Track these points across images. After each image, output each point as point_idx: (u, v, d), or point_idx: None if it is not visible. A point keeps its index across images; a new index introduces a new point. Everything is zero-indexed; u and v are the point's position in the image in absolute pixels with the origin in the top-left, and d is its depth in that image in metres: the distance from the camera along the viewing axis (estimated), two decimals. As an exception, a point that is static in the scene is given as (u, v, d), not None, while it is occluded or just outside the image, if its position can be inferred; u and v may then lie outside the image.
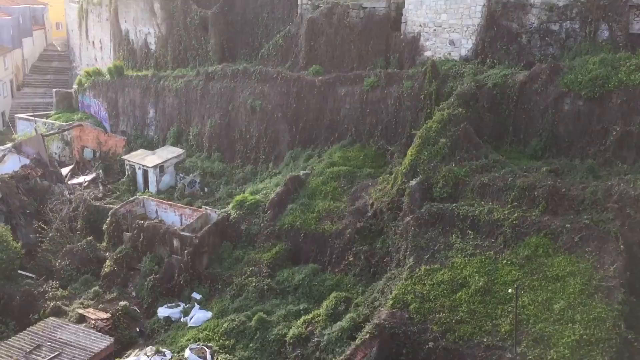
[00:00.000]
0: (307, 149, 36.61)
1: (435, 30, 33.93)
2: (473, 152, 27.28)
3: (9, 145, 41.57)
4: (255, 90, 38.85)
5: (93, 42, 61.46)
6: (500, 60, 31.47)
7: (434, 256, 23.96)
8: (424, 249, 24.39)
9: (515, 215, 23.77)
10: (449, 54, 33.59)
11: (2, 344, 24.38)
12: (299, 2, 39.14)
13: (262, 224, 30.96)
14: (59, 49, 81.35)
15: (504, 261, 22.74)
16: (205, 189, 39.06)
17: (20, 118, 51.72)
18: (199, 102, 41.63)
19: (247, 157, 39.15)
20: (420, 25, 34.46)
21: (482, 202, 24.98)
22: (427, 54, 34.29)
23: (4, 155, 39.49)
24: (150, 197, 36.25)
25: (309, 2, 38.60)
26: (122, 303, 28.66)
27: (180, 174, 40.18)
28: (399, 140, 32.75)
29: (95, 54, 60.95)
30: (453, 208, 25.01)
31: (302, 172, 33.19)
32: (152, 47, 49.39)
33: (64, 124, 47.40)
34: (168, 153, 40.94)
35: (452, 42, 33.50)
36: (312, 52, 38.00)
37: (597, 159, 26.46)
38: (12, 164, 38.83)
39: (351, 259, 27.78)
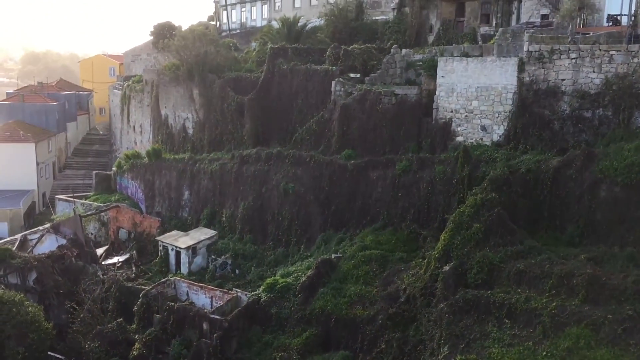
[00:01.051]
0: (338, 232, 36.53)
1: (466, 116, 34.38)
2: (508, 237, 26.83)
3: (48, 225, 42.59)
4: (288, 173, 39.43)
5: (134, 127, 63.91)
6: (532, 146, 31.47)
7: (469, 345, 23.09)
8: (459, 338, 23.58)
9: (554, 304, 22.95)
10: (481, 139, 33.80)
11: None
12: (333, 89, 40.30)
13: (292, 308, 30.56)
14: (100, 132, 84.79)
15: (544, 353, 21.72)
16: (237, 271, 38.98)
17: (60, 199, 53.25)
18: (233, 185, 42.36)
19: (278, 240, 39.21)
20: (452, 112, 34.99)
21: (519, 290, 24.26)
22: (459, 139, 34.57)
23: (42, 236, 40.39)
24: (182, 279, 36.30)
25: (342, 89, 39.70)
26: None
27: (212, 256, 40.31)
28: (432, 224, 32.49)
29: (135, 137, 63.21)
30: (489, 295, 24.33)
31: (333, 256, 32.98)
32: (190, 131, 51.09)
33: (102, 205, 48.58)
34: (201, 235, 41.31)
35: (483, 128, 33.80)
36: (344, 136, 38.68)
37: (637, 246, 25.67)
38: (50, 244, 39.65)
39: (383, 346, 26.97)
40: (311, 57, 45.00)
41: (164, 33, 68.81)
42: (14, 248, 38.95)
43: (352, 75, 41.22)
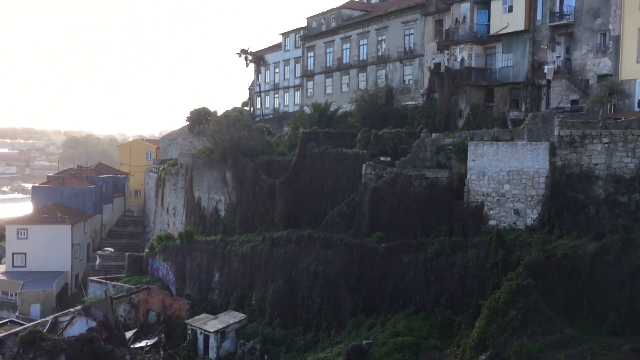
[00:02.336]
0: (369, 317, 35.71)
1: (498, 199, 34.15)
2: (546, 325, 25.85)
3: (79, 307, 42.71)
4: (318, 256, 39.20)
5: (167, 209, 65.00)
6: (568, 230, 30.87)
7: None
8: None
9: (599, 398, 21.74)
10: (514, 223, 33.36)
11: None
12: (363, 172, 40.70)
13: (322, 398, 29.48)
14: (135, 214, 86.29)
15: None
16: (265, 357, 38.10)
17: (92, 280, 53.65)
18: (264, 267, 42.20)
19: (308, 324, 38.45)
20: (484, 195, 34.82)
21: (560, 382, 23.11)
22: (492, 222, 34.17)
23: (72, 318, 40.45)
24: (210, 364, 35.58)
25: (373, 172, 40.06)
26: None
27: (241, 340, 39.61)
28: (466, 310, 31.55)
29: (169, 219, 64.14)
30: (528, 388, 23.21)
31: (364, 342, 32.08)
32: (222, 213, 51.70)
33: (133, 287, 48.73)
34: (230, 318, 40.83)
35: (516, 212, 33.42)
36: (375, 219, 38.60)
37: (685, 336, 24.44)
38: (80, 327, 39.61)
39: None
40: (342, 141, 45.83)
41: (200, 118, 71.34)
42: (44, 330, 38.98)
43: (382, 158, 41.70)
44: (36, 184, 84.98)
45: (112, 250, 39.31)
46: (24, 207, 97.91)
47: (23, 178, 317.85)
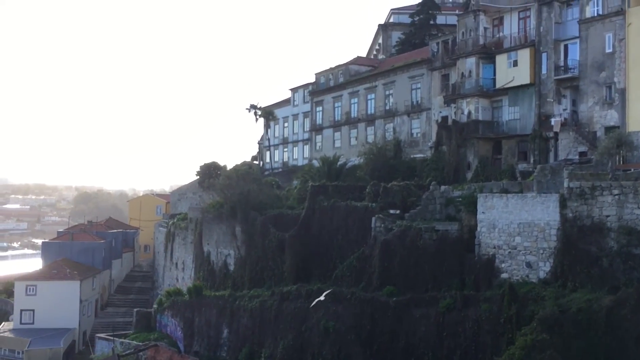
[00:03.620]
0: (382, 374, 34.93)
1: (510, 252, 33.83)
2: (564, 382, 25.15)
3: (86, 365, 42.12)
4: (329, 310, 38.59)
5: (176, 263, 64.77)
6: (582, 283, 30.40)
7: None
8: None
9: None
10: (527, 276, 32.93)
11: None
12: (373, 225, 40.58)
13: None
14: (144, 269, 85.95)
15: None
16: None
17: (99, 337, 53.01)
18: (273, 323, 41.57)
19: (319, 382, 37.55)
20: (494, 248, 34.53)
21: None
22: (504, 275, 33.76)
23: (79, 376, 39.74)
24: None
25: (382, 225, 39.94)
26: None
27: (251, 399, 38.68)
28: (480, 367, 30.85)
29: (177, 274, 63.82)
30: None
31: (377, 401, 31.24)
32: (231, 267, 51.43)
33: (140, 344, 48.01)
34: (239, 376, 39.98)
35: (529, 265, 33.04)
36: (385, 273, 38.24)
37: None
38: (86, 385, 38.84)
39: None
40: (351, 194, 45.90)
41: (210, 172, 71.93)
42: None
43: (391, 211, 41.65)
44: (46, 240, 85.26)
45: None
46: (34, 263, 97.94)
47: (33, 234, 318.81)
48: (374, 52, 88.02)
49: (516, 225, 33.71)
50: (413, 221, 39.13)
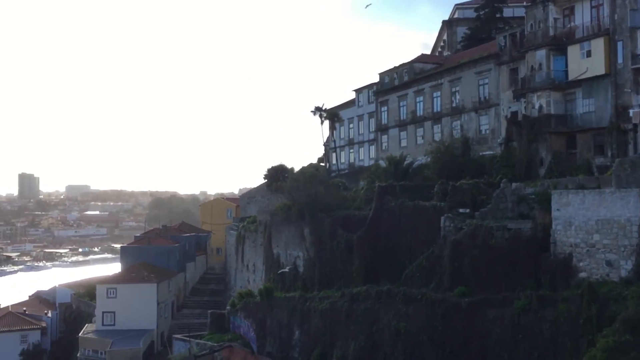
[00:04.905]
0: (455, 376, 34.31)
1: (588, 250, 32.45)
2: (650, 386, 23.90)
3: (164, 366, 43.58)
4: (399, 312, 38.35)
5: (247, 265, 65.98)
6: (667, 281, 28.81)
7: None
8: None
9: None
10: (607, 275, 31.48)
11: None
12: (442, 224, 39.94)
13: None
14: (217, 272, 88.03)
15: None
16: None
17: (176, 338, 54.69)
18: (344, 324, 41.66)
19: (391, 384, 37.30)
20: (571, 246, 33.22)
21: None
22: (582, 274, 32.40)
23: (158, 375, 41.16)
24: None
25: (452, 225, 39.24)
26: None
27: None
28: (559, 369, 29.75)
29: (249, 276, 64.98)
30: None
31: (451, 403, 30.71)
32: (301, 269, 51.87)
33: (215, 344, 49.22)
34: (310, 377, 40.27)
35: (609, 263, 31.59)
36: (456, 273, 37.53)
37: None
38: (165, 385, 40.18)
39: None
40: (419, 193, 45.36)
41: (277, 175, 72.85)
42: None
43: (461, 210, 40.85)
44: (124, 244, 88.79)
45: None
46: (114, 267, 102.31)
47: (112, 239, 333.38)
48: (439, 49, 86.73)
49: (594, 223, 32.30)
50: (484, 220, 38.21)
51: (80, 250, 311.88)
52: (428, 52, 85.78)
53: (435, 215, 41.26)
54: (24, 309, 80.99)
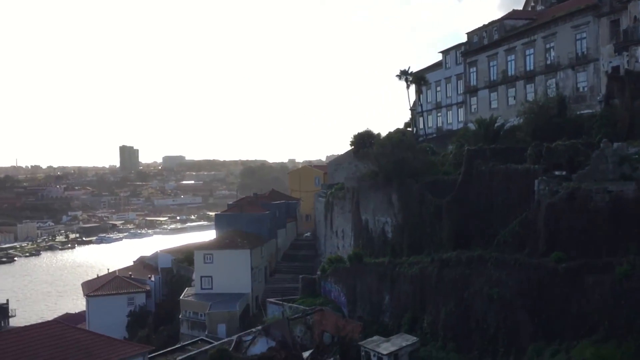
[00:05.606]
0: (551, 343, 33.36)
1: (699, 212, 30.22)
2: None
3: (259, 328, 45.19)
4: (491, 277, 37.62)
5: (336, 232, 66.72)
6: None
7: None
8: None
9: None
10: None
11: None
12: (536, 188, 38.47)
13: None
14: (306, 238, 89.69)
15: None
16: (440, 382, 37.21)
17: (270, 302, 56.55)
18: (434, 289, 41.47)
19: (484, 349, 36.89)
20: (680, 208, 31.04)
21: None
22: (692, 238, 30.29)
23: (254, 338, 42.89)
24: (384, 387, 35.51)
25: (547, 188, 37.69)
26: None
27: (415, 364, 39.10)
28: (666, 338, 28.20)
29: (338, 242, 65.76)
30: None
31: (547, 370, 29.97)
32: (389, 235, 51.85)
33: (307, 308, 50.44)
34: (402, 341, 40.52)
35: None
36: (552, 238, 36.18)
37: None
38: (261, 346, 41.85)
39: None
40: (510, 156, 43.81)
41: (363, 142, 72.67)
42: (230, 349, 41.74)
43: (557, 173, 39.12)
44: (218, 212, 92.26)
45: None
46: (209, 234, 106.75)
47: (207, 207, 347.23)
48: (532, 4, 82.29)
49: None
50: (582, 182, 36.40)
51: (178, 218, 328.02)
52: (519, 8, 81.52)
53: (529, 178, 39.78)
54: (130, 273, 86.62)
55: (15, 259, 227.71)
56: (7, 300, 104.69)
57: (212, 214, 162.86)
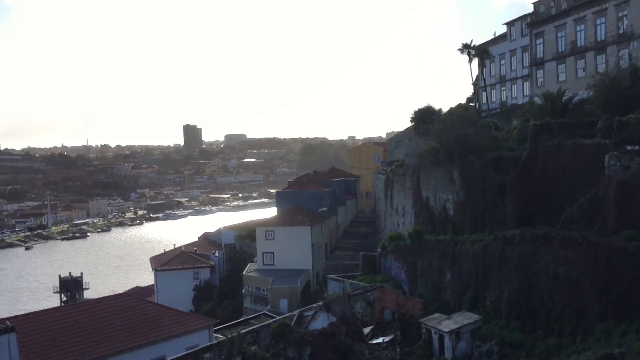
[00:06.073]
0: (621, 323, 32.22)
1: None
2: None
3: (320, 303, 45.77)
4: (557, 256, 36.59)
5: (396, 209, 66.41)
6: None
7: None
8: None
9: None
10: None
11: None
12: (606, 163, 36.98)
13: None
14: (366, 215, 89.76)
15: None
16: (503, 360, 36.73)
17: (330, 278, 57.13)
18: (496, 267, 40.76)
19: (550, 329, 36.09)
20: None
21: None
22: None
23: (315, 313, 43.49)
24: (445, 364, 35.43)
25: (618, 163, 36.16)
26: None
27: (477, 342, 38.73)
28: None
29: (398, 219, 65.48)
30: None
31: (616, 350, 29.05)
32: (450, 212, 51.15)
33: (367, 285, 50.68)
34: (464, 319, 40.19)
35: None
36: (622, 215, 34.78)
37: None
38: (322, 321, 42.42)
39: None
40: (578, 131, 42.17)
41: (424, 118, 71.61)
42: (292, 323, 42.54)
43: (629, 147, 37.38)
44: (279, 190, 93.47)
45: None
46: (270, 211, 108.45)
47: (268, 184, 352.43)
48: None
49: None
50: (656, 157, 34.73)
51: (239, 195, 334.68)
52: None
53: (598, 153, 38.28)
54: (195, 249, 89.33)
55: (88, 234, 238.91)
56: (81, 273, 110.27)
57: (273, 191, 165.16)
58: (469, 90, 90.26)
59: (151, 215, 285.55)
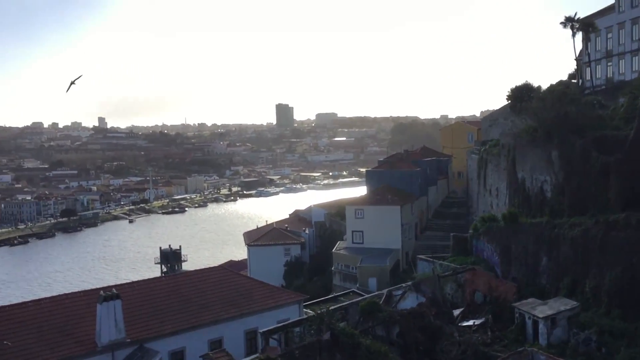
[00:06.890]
0: None
1: None
2: None
3: (409, 283, 45.58)
4: (666, 243, 34.33)
5: (490, 190, 64.60)
6: None
7: None
8: None
9: None
10: None
11: None
12: None
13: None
14: (458, 196, 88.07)
15: None
16: (603, 349, 35.07)
17: (420, 258, 56.65)
18: (598, 253, 38.80)
19: (655, 319, 34.06)
20: None
21: None
22: None
23: (404, 292, 43.42)
24: (540, 351, 34.34)
25: None
26: None
27: (574, 329, 37.20)
28: None
29: (491, 201, 63.70)
30: None
31: None
32: (548, 194, 49.08)
33: (458, 266, 49.82)
34: (560, 305, 38.64)
35: None
36: None
37: None
38: (411, 301, 42.29)
39: None
40: (696, 109, 39.02)
41: (522, 96, 68.65)
42: (381, 302, 42.71)
43: None
44: (369, 169, 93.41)
45: None
46: (360, 190, 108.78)
47: (358, 163, 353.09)
48: None
49: None
50: None
51: (330, 174, 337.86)
52: None
53: None
54: (286, 225, 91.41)
55: (186, 209, 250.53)
56: (180, 246, 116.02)
57: (363, 170, 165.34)
58: (571, 67, 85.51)
59: (244, 192, 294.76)
